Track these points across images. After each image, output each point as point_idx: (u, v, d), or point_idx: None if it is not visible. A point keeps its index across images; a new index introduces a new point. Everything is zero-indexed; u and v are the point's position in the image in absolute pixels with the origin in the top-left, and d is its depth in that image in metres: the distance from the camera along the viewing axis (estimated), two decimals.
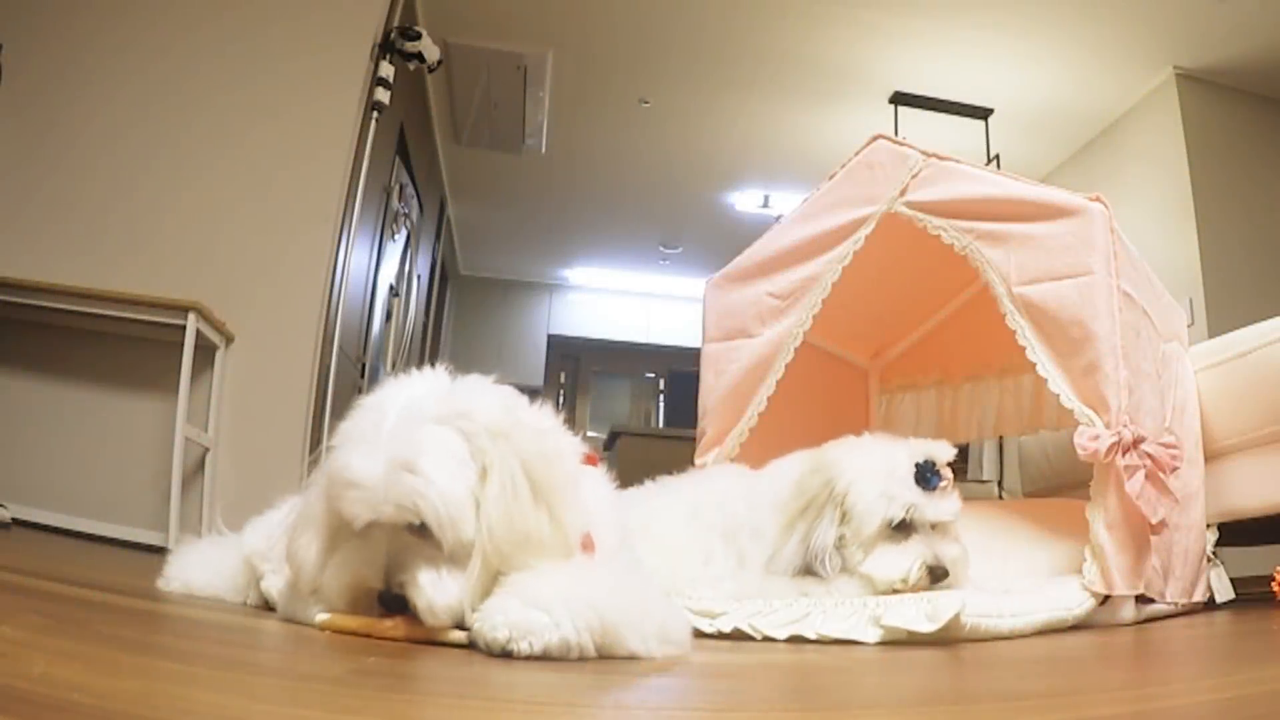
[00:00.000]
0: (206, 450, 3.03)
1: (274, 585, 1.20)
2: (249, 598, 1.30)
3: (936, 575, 1.47)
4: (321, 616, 0.98)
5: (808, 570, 1.49)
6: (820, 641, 1.30)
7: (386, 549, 0.93)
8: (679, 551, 1.59)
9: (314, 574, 0.99)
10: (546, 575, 0.91)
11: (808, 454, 1.64)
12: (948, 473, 1.55)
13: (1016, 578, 1.69)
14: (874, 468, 1.53)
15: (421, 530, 0.92)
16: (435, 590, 0.91)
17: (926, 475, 1.51)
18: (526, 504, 0.94)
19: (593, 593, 0.90)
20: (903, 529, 1.49)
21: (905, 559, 1.47)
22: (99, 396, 3.03)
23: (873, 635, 1.28)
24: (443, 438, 0.94)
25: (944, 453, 1.56)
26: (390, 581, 0.92)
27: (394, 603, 0.92)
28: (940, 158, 1.98)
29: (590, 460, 1.13)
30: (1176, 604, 1.79)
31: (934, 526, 1.51)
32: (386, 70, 3.61)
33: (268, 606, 1.22)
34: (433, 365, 1.06)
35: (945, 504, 1.52)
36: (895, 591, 1.46)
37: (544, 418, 1.07)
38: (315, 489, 1.01)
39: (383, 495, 0.90)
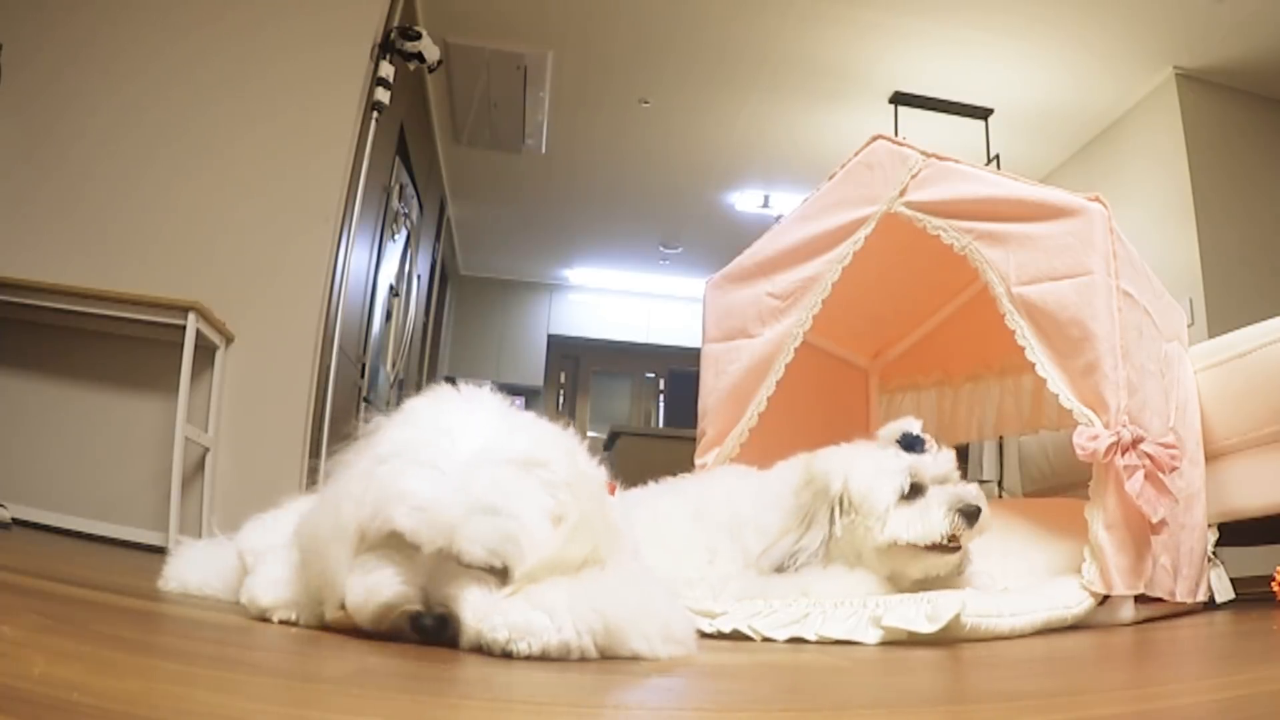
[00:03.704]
0: (206, 450, 3.03)
1: (254, 584, 1.17)
2: (242, 596, 1.29)
3: (970, 514, 1.46)
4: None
5: (779, 569, 1.51)
6: (820, 642, 1.30)
7: (428, 571, 0.90)
8: (684, 549, 1.60)
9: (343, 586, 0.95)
10: (550, 580, 0.91)
11: (804, 460, 1.65)
12: (928, 437, 1.59)
13: (1016, 577, 1.69)
14: (861, 457, 1.57)
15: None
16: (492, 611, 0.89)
17: (911, 442, 1.55)
18: (583, 552, 0.95)
19: (595, 594, 0.90)
20: (913, 492, 1.50)
21: (933, 511, 1.46)
22: (99, 396, 3.03)
23: (873, 636, 1.28)
24: (530, 487, 0.93)
25: (913, 424, 1.60)
26: (431, 602, 0.89)
27: (435, 625, 0.89)
28: (940, 158, 1.98)
29: (609, 489, 1.15)
30: (1178, 604, 1.79)
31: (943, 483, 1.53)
32: (386, 70, 3.61)
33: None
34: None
35: (942, 458, 1.55)
36: (933, 547, 1.46)
37: (590, 461, 1.08)
38: (345, 496, 0.96)
39: (463, 530, 0.88)
